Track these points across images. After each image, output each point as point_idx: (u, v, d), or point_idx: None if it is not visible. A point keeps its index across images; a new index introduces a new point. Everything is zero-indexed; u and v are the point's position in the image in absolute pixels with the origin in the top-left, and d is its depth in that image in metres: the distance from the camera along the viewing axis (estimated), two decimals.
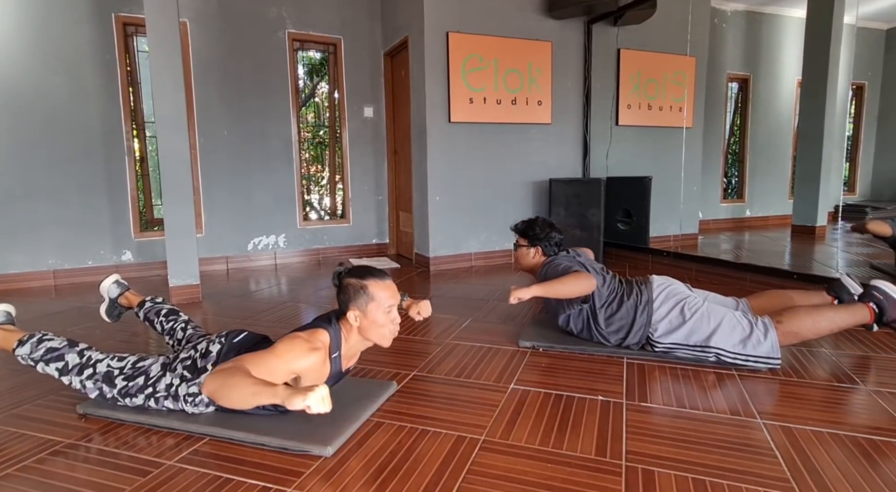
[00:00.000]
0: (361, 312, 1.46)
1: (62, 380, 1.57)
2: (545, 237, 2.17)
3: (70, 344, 1.61)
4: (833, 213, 4.01)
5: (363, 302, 1.46)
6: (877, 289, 1.78)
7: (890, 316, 1.74)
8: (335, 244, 4.63)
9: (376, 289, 1.47)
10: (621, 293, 2.05)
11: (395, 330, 1.52)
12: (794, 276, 2.93)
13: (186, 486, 1.22)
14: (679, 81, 4.69)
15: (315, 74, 4.97)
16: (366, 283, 1.46)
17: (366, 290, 1.46)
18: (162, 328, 1.95)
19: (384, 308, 1.47)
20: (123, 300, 2.14)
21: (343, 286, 1.49)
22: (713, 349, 1.86)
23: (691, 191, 4.70)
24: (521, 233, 2.23)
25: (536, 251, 2.19)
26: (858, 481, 1.19)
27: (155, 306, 2.02)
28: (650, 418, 1.52)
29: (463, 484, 1.21)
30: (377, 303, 1.46)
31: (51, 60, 3.60)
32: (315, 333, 1.43)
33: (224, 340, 1.57)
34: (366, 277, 1.47)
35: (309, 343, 1.39)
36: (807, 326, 1.81)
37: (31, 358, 1.58)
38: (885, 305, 1.74)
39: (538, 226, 2.19)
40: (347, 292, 1.47)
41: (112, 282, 2.16)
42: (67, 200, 3.72)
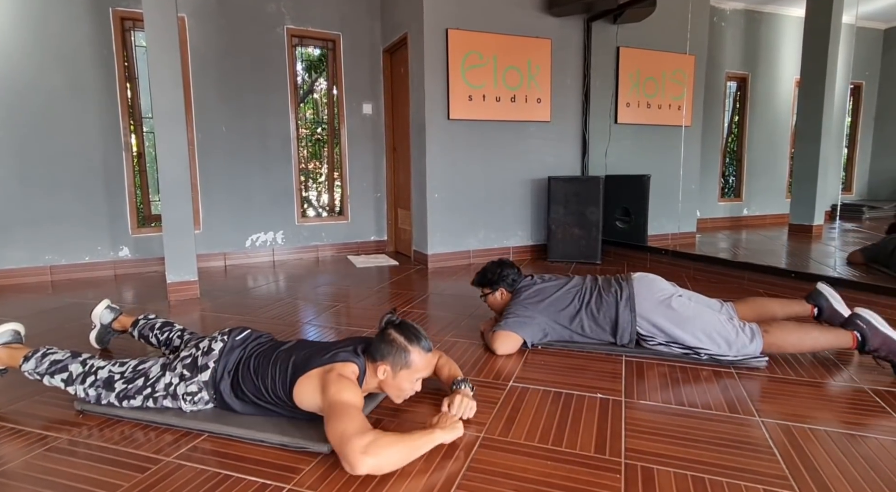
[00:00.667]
0: (392, 372, 1.44)
1: (68, 390, 1.58)
2: (499, 279, 2.23)
3: (73, 355, 1.62)
4: (830, 212, 4.03)
5: (399, 365, 1.44)
6: (861, 318, 1.81)
7: (871, 345, 1.77)
8: (333, 241, 4.63)
9: (417, 357, 1.45)
10: (596, 291, 2.07)
11: (411, 395, 1.51)
12: (792, 274, 2.94)
13: (185, 482, 1.22)
14: (678, 80, 4.69)
15: (314, 71, 4.95)
16: (411, 348, 1.44)
17: (407, 355, 1.44)
18: (158, 341, 1.95)
19: (415, 377, 1.47)
20: (117, 324, 2.15)
21: (387, 338, 1.46)
22: (703, 351, 1.90)
23: (689, 189, 4.70)
24: (479, 285, 2.30)
25: (501, 293, 2.24)
26: (856, 478, 1.20)
27: (148, 322, 2.02)
28: (649, 416, 1.52)
29: (463, 481, 1.21)
30: (411, 371, 1.45)
31: (48, 55, 3.57)
32: (347, 367, 1.41)
33: (227, 338, 1.57)
34: (412, 342, 1.45)
35: (350, 380, 1.37)
36: (791, 342, 1.86)
37: (36, 372, 1.59)
38: (867, 335, 1.77)
39: (489, 272, 2.26)
40: (390, 346, 1.44)
41: (104, 307, 2.15)
42: (64, 196, 3.70)
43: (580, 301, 2.07)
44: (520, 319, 2.06)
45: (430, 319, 2.60)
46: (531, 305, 2.09)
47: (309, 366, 1.40)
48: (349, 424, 1.20)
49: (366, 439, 1.17)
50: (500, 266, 2.26)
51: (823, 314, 2.08)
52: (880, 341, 1.75)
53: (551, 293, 2.11)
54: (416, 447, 1.26)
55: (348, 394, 1.30)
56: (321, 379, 1.36)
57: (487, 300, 2.29)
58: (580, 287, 2.12)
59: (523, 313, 2.07)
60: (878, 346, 1.76)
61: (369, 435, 1.19)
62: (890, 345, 1.74)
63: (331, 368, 1.38)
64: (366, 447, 1.16)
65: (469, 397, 1.52)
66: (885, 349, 1.75)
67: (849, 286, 2.59)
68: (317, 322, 2.60)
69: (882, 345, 1.75)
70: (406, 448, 1.23)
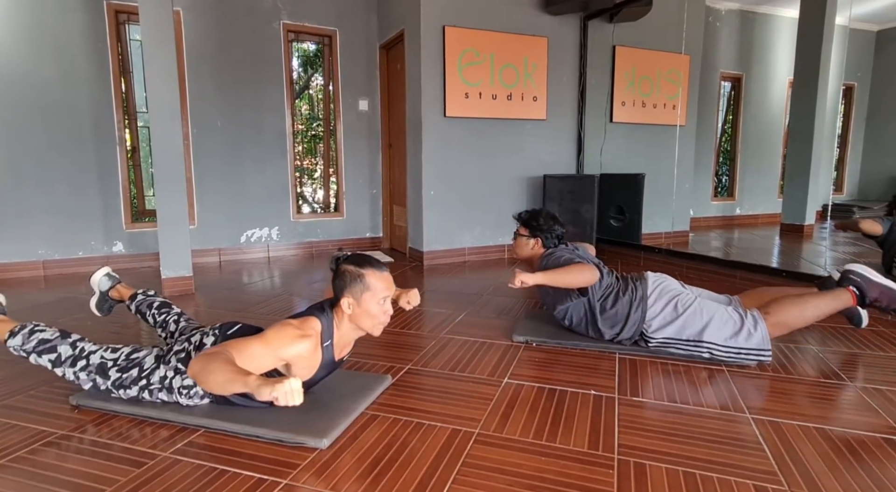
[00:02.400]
0: (356, 300, 1.46)
1: (55, 372, 1.56)
2: (547, 229, 2.17)
3: (62, 335, 1.60)
4: (821, 212, 4.07)
5: (359, 290, 1.45)
6: (853, 272, 1.83)
7: (871, 296, 1.79)
8: (329, 237, 4.62)
9: (373, 279, 1.46)
10: (617, 289, 2.07)
11: (386, 321, 1.52)
12: (783, 273, 2.97)
13: (181, 477, 1.22)
14: (673, 79, 4.71)
15: (310, 66, 4.93)
16: (363, 271, 1.46)
17: (363, 279, 1.45)
18: (154, 321, 1.94)
19: (378, 298, 1.47)
20: (114, 293, 2.12)
21: (340, 272, 1.48)
22: (706, 344, 1.89)
23: (683, 188, 4.74)
24: (523, 222, 2.23)
25: (536, 242, 2.19)
26: (843, 474, 1.23)
27: (147, 299, 2.00)
28: (642, 413, 1.54)
29: (458, 476, 1.22)
30: (372, 293, 1.46)
31: (41, 47, 3.54)
32: (307, 321, 1.43)
33: (218, 332, 1.57)
34: (364, 266, 1.47)
35: (299, 330, 1.39)
36: (794, 315, 1.85)
37: (22, 349, 1.56)
38: (864, 287, 1.79)
39: (542, 217, 2.19)
40: (344, 279, 1.46)
41: (103, 274, 2.13)
42: (57, 190, 3.67)
43: (603, 292, 2.06)
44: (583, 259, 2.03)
45: (425, 315, 2.61)
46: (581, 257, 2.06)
47: None
48: (230, 343, 1.33)
49: (212, 349, 1.30)
50: (554, 220, 2.20)
51: None
52: (878, 292, 1.77)
53: (593, 262, 2.09)
54: (225, 379, 1.20)
55: (274, 336, 1.36)
56: (273, 324, 1.42)
57: (518, 241, 2.22)
58: (608, 279, 2.09)
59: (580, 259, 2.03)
60: (878, 296, 1.77)
61: (217, 349, 1.29)
62: (889, 293, 1.76)
63: (285, 322, 1.42)
64: (202, 353, 1.29)
65: (404, 290, 1.71)
66: (886, 299, 1.76)
67: None
68: None
69: (881, 295, 1.76)
70: (216, 372, 1.20)
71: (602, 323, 2.05)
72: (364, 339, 2.08)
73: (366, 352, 2.05)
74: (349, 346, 1.61)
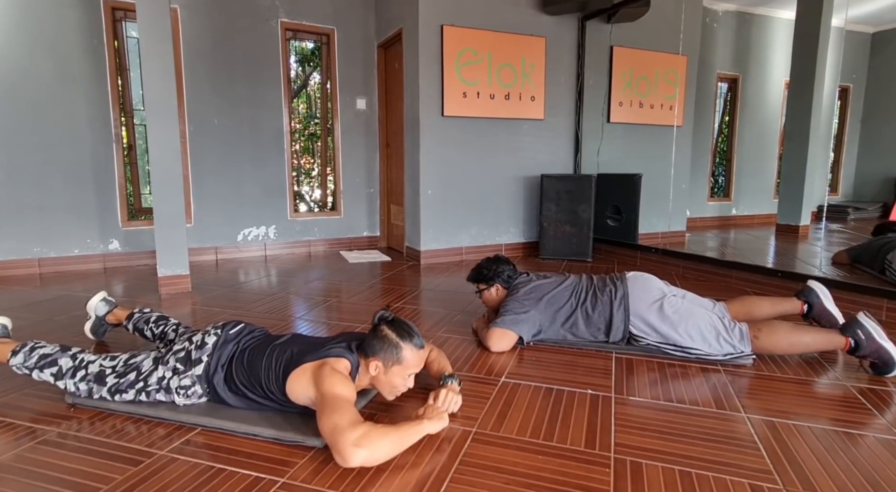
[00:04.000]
0: (384, 368, 1.45)
1: (58, 385, 1.57)
2: (496, 274, 2.23)
3: (62, 349, 1.61)
4: (816, 213, 4.10)
5: (390, 360, 1.44)
6: (862, 328, 1.81)
7: (863, 353, 1.81)
8: (326, 236, 4.62)
9: (409, 354, 1.45)
10: (592, 290, 2.09)
11: (403, 391, 1.52)
12: (779, 273, 2.99)
13: (179, 475, 1.22)
14: (670, 80, 4.73)
15: (307, 65, 4.93)
16: (402, 344, 1.45)
17: (399, 351, 1.44)
18: (153, 334, 1.94)
19: (406, 374, 1.47)
20: (112, 317, 2.14)
21: (380, 334, 1.46)
22: (692, 351, 1.93)
23: (680, 189, 4.75)
24: (474, 280, 2.30)
25: (496, 288, 2.24)
26: (838, 472, 1.24)
27: (143, 316, 2.01)
28: (638, 412, 1.55)
29: (455, 475, 1.22)
30: (402, 367, 1.46)
31: (36, 44, 3.52)
32: (339, 362, 1.42)
33: (220, 331, 1.57)
34: (404, 339, 1.45)
35: (342, 375, 1.38)
36: (783, 347, 1.89)
37: (25, 366, 1.57)
38: (863, 344, 1.80)
39: (484, 268, 2.26)
40: (382, 342, 1.45)
41: (100, 300, 2.14)
42: (53, 188, 3.65)
43: (576, 300, 2.08)
44: (516, 316, 2.07)
45: (422, 314, 2.61)
46: (528, 302, 2.10)
47: (302, 360, 1.41)
48: (341, 416, 1.22)
49: (358, 431, 1.19)
50: (497, 262, 2.26)
51: (813, 311, 2.10)
52: (873, 350, 1.79)
53: (548, 291, 2.12)
54: (406, 438, 1.28)
55: (341, 388, 1.31)
56: (314, 373, 1.36)
57: (483, 296, 2.29)
58: (576, 286, 2.13)
59: (519, 310, 2.08)
60: (869, 354, 1.80)
61: (361, 427, 1.20)
62: (880, 352, 1.78)
63: (323, 362, 1.39)
64: (357, 440, 1.17)
65: (455, 392, 1.53)
66: (874, 356, 1.79)
67: (833, 286, 2.64)
68: (309, 317, 2.60)
69: (872, 353, 1.79)
70: (396, 439, 1.25)
71: (588, 327, 2.06)
72: None
73: None
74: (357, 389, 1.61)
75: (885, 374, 1.79)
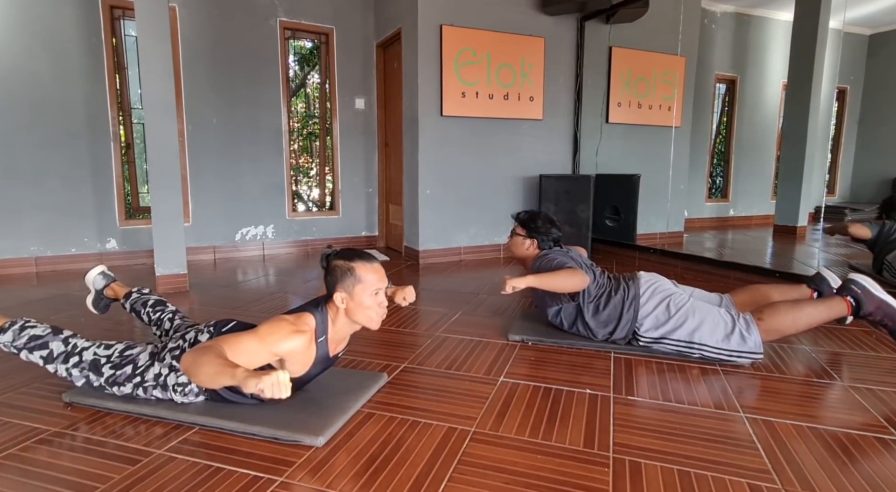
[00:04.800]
0: (348, 294, 1.45)
1: (47, 368, 1.55)
2: (545, 232, 2.20)
3: (54, 331, 1.58)
4: (814, 213, 4.11)
5: (350, 284, 1.44)
6: (855, 283, 1.81)
7: (866, 310, 1.78)
8: (324, 236, 4.61)
9: (364, 271, 1.45)
10: (609, 289, 2.08)
11: (382, 313, 1.51)
12: (777, 274, 2.99)
13: (177, 475, 1.22)
14: (669, 81, 4.74)
15: (306, 64, 4.92)
16: (353, 265, 1.45)
17: (353, 272, 1.44)
18: (149, 319, 1.93)
19: (371, 291, 1.46)
20: (109, 292, 2.11)
21: (331, 268, 1.47)
22: (697, 345, 1.91)
23: (678, 189, 4.76)
24: (522, 222, 2.25)
25: (532, 243, 2.21)
26: (836, 472, 1.24)
27: (142, 297, 1.99)
28: (636, 411, 1.55)
29: (454, 474, 1.22)
30: (364, 285, 1.45)
31: (35, 42, 3.50)
32: (301, 317, 1.42)
33: (213, 329, 1.56)
34: (354, 260, 1.46)
35: (293, 325, 1.38)
36: (787, 323, 1.86)
37: (13, 346, 1.55)
38: (862, 300, 1.78)
39: (540, 219, 2.22)
40: (335, 274, 1.46)
41: (98, 273, 2.12)
42: (50, 186, 3.64)
43: (596, 293, 2.07)
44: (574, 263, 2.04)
45: (421, 314, 2.61)
46: (571, 262, 2.07)
47: None
48: (223, 337, 1.32)
49: (205, 344, 1.29)
50: (551, 223, 2.22)
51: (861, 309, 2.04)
52: (875, 305, 1.75)
53: (586, 265, 2.12)
54: (214, 372, 1.19)
55: (268, 331, 1.35)
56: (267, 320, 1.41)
57: (513, 240, 2.24)
58: (600, 280, 2.11)
59: (569, 262, 2.05)
60: (873, 310, 1.76)
61: (208, 344, 1.28)
62: (885, 309, 1.74)
63: (279, 317, 1.42)
64: (195, 347, 1.29)
65: (400, 286, 1.74)
66: (880, 313, 1.75)
67: None
68: None
69: (877, 309, 1.75)
70: (205, 364, 1.19)
71: (595, 323, 2.06)
72: (360, 337, 2.09)
73: (361, 350, 2.05)
74: (344, 341, 1.60)
75: None
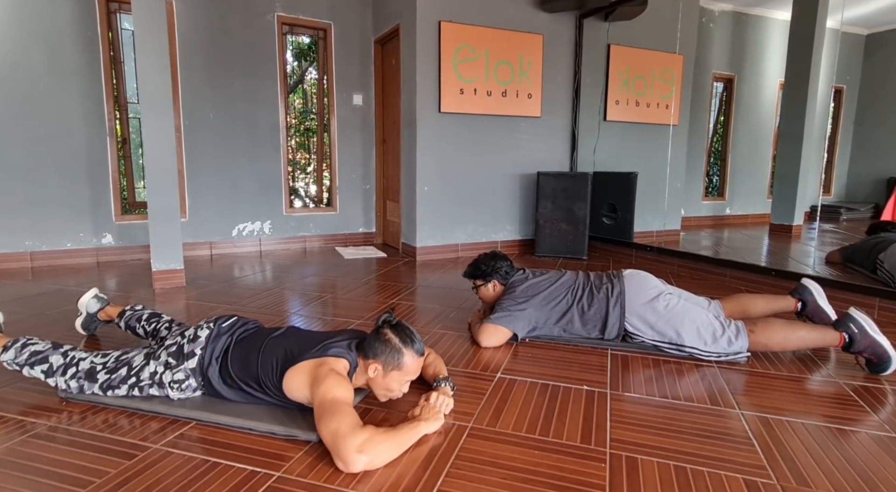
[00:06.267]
0: (382, 371, 1.44)
1: (48, 382, 1.56)
2: (493, 271, 2.22)
3: (54, 346, 1.59)
4: (809, 213, 4.13)
5: (390, 365, 1.43)
6: (854, 321, 1.82)
7: (857, 348, 1.81)
8: (321, 232, 4.60)
9: (409, 360, 1.44)
10: (589, 287, 2.10)
11: (398, 396, 1.51)
12: (772, 272, 3.01)
13: (173, 469, 1.22)
14: (666, 79, 4.74)
15: (304, 60, 4.90)
16: (405, 350, 1.43)
17: (400, 357, 1.43)
18: (145, 332, 1.93)
19: (405, 379, 1.47)
20: (103, 315, 2.12)
21: (383, 337, 1.45)
22: (687, 348, 1.94)
23: (675, 188, 4.77)
24: (471, 276, 2.28)
25: (493, 284, 2.24)
26: (830, 467, 1.25)
27: (135, 313, 2.00)
28: (633, 408, 1.56)
29: (451, 470, 1.22)
30: (402, 373, 1.44)
31: (30, 36, 3.47)
32: (339, 362, 1.41)
33: (213, 325, 1.56)
34: (406, 345, 1.44)
35: (341, 375, 1.36)
36: (777, 341, 1.90)
37: (16, 363, 1.56)
38: (856, 338, 1.81)
39: (482, 263, 2.25)
40: (384, 346, 1.43)
41: (91, 297, 2.12)
42: (45, 181, 3.61)
43: (572, 297, 2.09)
44: (510, 314, 2.07)
45: (418, 311, 2.61)
46: (523, 299, 2.10)
47: (300, 357, 1.40)
48: (342, 421, 1.21)
49: (360, 437, 1.18)
50: (494, 258, 2.25)
51: (807, 308, 2.12)
52: (867, 345, 1.79)
53: (544, 288, 2.12)
54: (405, 440, 1.28)
55: (340, 390, 1.29)
56: (312, 372, 1.35)
57: (479, 292, 2.28)
58: (572, 283, 2.13)
59: (514, 307, 2.08)
60: (863, 349, 1.80)
61: (362, 433, 1.20)
62: (874, 348, 1.78)
63: (322, 361, 1.38)
64: (360, 446, 1.17)
65: (448, 395, 1.52)
66: (869, 351, 1.80)
67: (826, 285, 2.66)
68: (304, 312, 2.59)
69: (867, 347, 1.80)
70: (396, 443, 1.25)
71: (581, 323, 2.06)
72: None
73: None
74: None
75: (881, 372, 1.80)
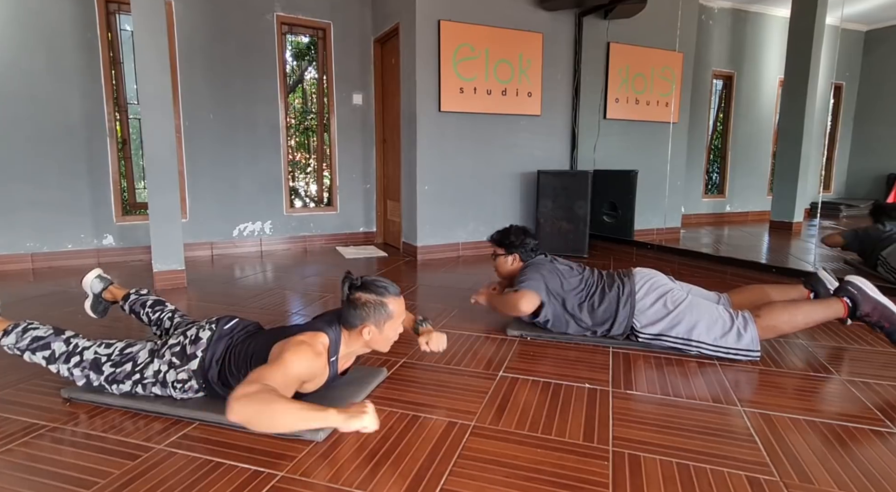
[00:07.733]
0: (377, 329, 1.44)
1: (50, 368, 1.56)
2: (520, 244, 2.23)
3: (56, 332, 1.59)
4: (809, 210, 4.13)
5: (381, 320, 1.43)
6: (851, 284, 1.84)
7: (863, 310, 1.80)
8: (322, 232, 4.60)
9: (395, 306, 1.45)
10: (602, 286, 2.10)
11: (397, 338, 1.53)
12: (773, 269, 3.01)
13: (177, 470, 1.22)
14: (666, 77, 4.74)
15: (303, 59, 4.89)
16: (386, 300, 1.44)
17: (386, 308, 1.44)
18: (148, 319, 1.93)
19: (399, 323, 1.48)
20: (108, 294, 2.11)
21: (359, 302, 1.43)
22: (694, 342, 1.92)
23: (675, 185, 4.77)
24: (497, 242, 2.29)
25: (514, 258, 2.24)
26: (833, 465, 1.25)
27: (140, 298, 1.99)
28: (635, 405, 1.56)
29: (454, 468, 1.23)
30: (395, 320, 1.45)
31: (29, 37, 3.47)
32: (316, 337, 1.40)
33: (215, 326, 1.56)
34: (385, 295, 1.44)
35: (313, 348, 1.36)
36: (784, 320, 1.88)
37: (16, 348, 1.56)
38: (858, 300, 1.80)
39: (513, 234, 2.25)
40: (366, 308, 1.42)
41: (94, 277, 2.11)
42: (46, 182, 3.61)
43: (586, 292, 2.09)
44: (538, 283, 2.07)
45: (419, 310, 2.61)
46: (548, 275, 2.10)
47: (281, 338, 1.41)
48: (263, 372, 1.25)
49: (251, 387, 1.18)
50: (525, 233, 2.25)
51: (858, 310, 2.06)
52: (871, 307, 1.77)
53: (564, 275, 2.14)
54: (298, 419, 1.22)
55: (295, 360, 1.30)
56: (286, 343, 1.37)
57: (497, 261, 2.28)
58: (588, 279, 2.14)
59: (538, 278, 2.08)
60: (870, 311, 1.78)
61: (256, 386, 1.19)
62: (881, 310, 1.76)
63: (299, 341, 1.38)
64: (243, 393, 1.17)
65: (433, 332, 1.73)
66: (877, 314, 1.77)
67: None
68: (305, 312, 2.59)
69: (873, 310, 1.77)
70: (282, 412, 1.18)
71: (591, 321, 2.06)
72: None
73: None
74: (351, 360, 1.59)
75: None
